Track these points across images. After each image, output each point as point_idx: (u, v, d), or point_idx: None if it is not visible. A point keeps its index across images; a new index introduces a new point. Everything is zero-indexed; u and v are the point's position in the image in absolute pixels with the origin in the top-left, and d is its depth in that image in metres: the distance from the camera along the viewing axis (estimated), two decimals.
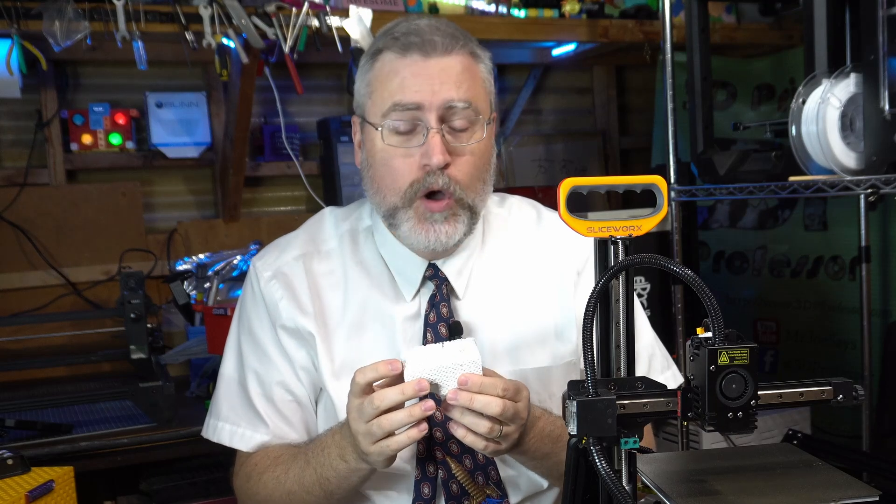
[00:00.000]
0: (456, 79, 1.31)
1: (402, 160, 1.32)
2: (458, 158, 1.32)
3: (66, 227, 2.82)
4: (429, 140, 1.30)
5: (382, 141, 1.32)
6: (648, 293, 2.56)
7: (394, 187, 1.33)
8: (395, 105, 1.30)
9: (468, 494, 1.34)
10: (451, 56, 1.31)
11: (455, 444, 1.34)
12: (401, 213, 1.34)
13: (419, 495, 1.35)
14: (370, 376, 1.16)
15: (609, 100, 3.61)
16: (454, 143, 1.32)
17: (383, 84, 1.32)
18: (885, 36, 1.89)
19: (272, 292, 1.41)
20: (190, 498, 2.29)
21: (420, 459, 1.35)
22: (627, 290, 1.00)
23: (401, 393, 1.14)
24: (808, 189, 2.08)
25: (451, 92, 1.30)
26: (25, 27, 2.24)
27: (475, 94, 1.33)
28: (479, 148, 1.34)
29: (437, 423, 1.34)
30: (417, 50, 1.30)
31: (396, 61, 1.32)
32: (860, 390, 0.96)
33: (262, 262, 1.45)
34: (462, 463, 1.35)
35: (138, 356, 2.21)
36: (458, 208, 1.34)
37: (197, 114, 2.93)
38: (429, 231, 1.33)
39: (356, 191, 2.98)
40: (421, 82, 1.30)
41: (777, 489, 0.97)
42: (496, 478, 1.36)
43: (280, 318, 1.40)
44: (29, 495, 1.50)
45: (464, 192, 1.33)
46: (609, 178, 1.05)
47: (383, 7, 2.63)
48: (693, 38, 2.41)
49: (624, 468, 0.97)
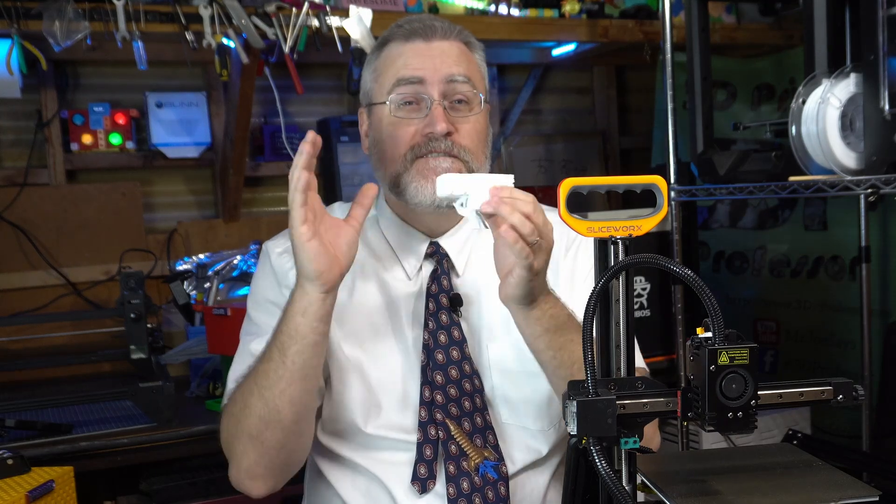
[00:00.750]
0: (455, 58, 1.43)
1: (405, 129, 1.41)
2: (461, 127, 1.41)
3: (66, 227, 2.82)
4: (432, 111, 1.40)
5: (389, 114, 1.42)
6: (648, 293, 2.56)
7: (395, 154, 1.42)
8: (400, 80, 1.41)
9: (466, 455, 1.39)
10: (449, 40, 1.44)
11: (455, 406, 1.40)
12: (403, 176, 1.41)
13: (421, 456, 1.39)
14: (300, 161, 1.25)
15: (609, 100, 3.61)
16: (455, 115, 1.41)
17: (388, 66, 1.44)
18: (885, 36, 1.89)
19: (283, 263, 1.48)
20: (190, 498, 2.29)
21: (422, 423, 1.39)
22: (627, 290, 1.00)
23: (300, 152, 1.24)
24: (808, 189, 2.08)
25: (452, 67, 1.41)
26: (25, 27, 2.24)
27: (472, 73, 1.45)
28: (478, 120, 1.44)
29: (437, 385, 1.39)
30: (419, 35, 1.43)
31: (401, 46, 1.44)
32: (860, 390, 0.96)
33: (274, 243, 1.53)
34: (461, 425, 1.39)
35: (138, 356, 2.21)
36: (464, 169, 1.40)
37: (197, 114, 2.93)
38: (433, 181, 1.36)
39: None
40: (423, 60, 1.41)
41: (777, 489, 0.97)
42: (494, 441, 1.40)
43: (288, 280, 1.44)
44: (29, 495, 1.50)
45: (469, 156, 1.41)
46: (609, 178, 1.05)
47: (383, 7, 2.63)
48: (693, 38, 2.41)
49: (624, 468, 0.97)
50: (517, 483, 1.43)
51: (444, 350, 1.42)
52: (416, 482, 1.39)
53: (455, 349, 1.42)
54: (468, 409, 1.41)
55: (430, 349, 1.41)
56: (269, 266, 1.50)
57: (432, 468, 1.39)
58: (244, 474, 1.38)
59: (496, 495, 1.38)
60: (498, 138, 3.39)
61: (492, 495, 1.38)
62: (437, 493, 1.39)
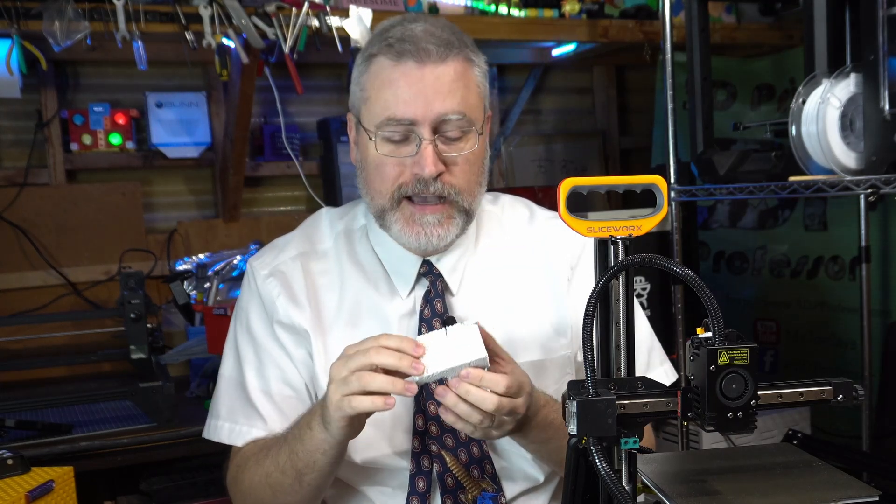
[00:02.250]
0: (449, 88, 1.32)
1: (393, 168, 1.34)
2: (453, 166, 1.35)
3: (66, 227, 2.82)
4: (422, 151, 1.31)
5: (376, 150, 1.34)
6: (648, 293, 2.56)
7: (381, 190, 1.36)
8: (389, 119, 1.32)
9: (464, 488, 1.35)
10: (445, 64, 1.32)
11: (450, 437, 1.36)
12: (388, 214, 1.37)
13: (414, 489, 1.36)
14: (392, 343, 1.17)
15: (609, 100, 3.61)
16: (447, 153, 1.34)
17: (378, 93, 1.34)
18: (885, 36, 1.89)
19: (269, 290, 1.43)
20: (190, 498, 2.29)
21: (415, 453, 1.36)
22: (627, 290, 1.00)
23: (398, 360, 1.15)
24: (808, 189, 2.08)
25: (445, 104, 1.31)
26: (25, 27, 2.24)
27: (468, 103, 1.35)
28: (472, 155, 1.37)
29: (432, 417, 1.35)
30: (412, 58, 1.31)
31: (391, 69, 1.32)
32: (860, 390, 0.96)
33: (260, 262, 1.47)
34: (457, 457, 1.36)
35: (138, 356, 2.21)
36: (455, 212, 1.36)
37: (197, 114, 2.93)
38: (419, 233, 1.35)
39: (356, 191, 2.96)
40: (415, 95, 1.30)
41: (777, 489, 0.97)
42: (491, 471, 1.37)
43: (276, 314, 1.41)
44: (29, 495, 1.50)
45: (460, 196, 1.35)
46: (609, 178, 1.05)
47: (383, 7, 2.63)
48: (693, 38, 2.41)
49: (624, 468, 0.97)
50: None
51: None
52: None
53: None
54: (464, 440, 1.37)
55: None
56: (255, 290, 1.45)
57: (425, 501, 1.36)
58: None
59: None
60: (498, 138, 3.39)
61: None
62: None
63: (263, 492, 1.34)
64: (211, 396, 2.37)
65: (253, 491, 1.36)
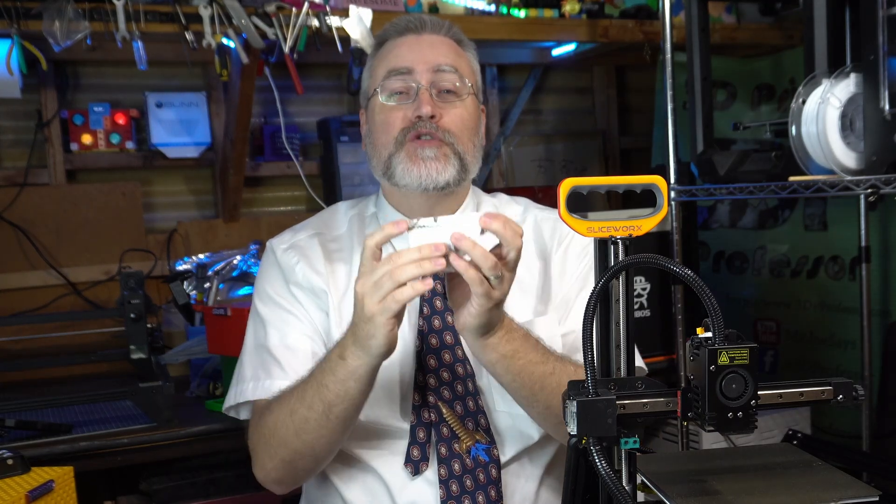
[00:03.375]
0: (444, 50, 1.49)
1: (395, 114, 1.46)
2: (447, 112, 1.46)
3: (66, 227, 2.82)
4: (419, 95, 1.45)
5: (380, 102, 1.47)
6: (648, 293, 2.56)
7: (387, 139, 1.46)
8: (391, 71, 1.47)
9: (458, 438, 1.41)
10: (440, 35, 1.51)
11: (447, 390, 1.42)
12: (394, 158, 1.45)
13: (415, 439, 1.42)
14: (378, 238, 1.21)
15: (609, 100, 3.61)
16: (441, 102, 1.46)
17: (381, 60, 1.51)
18: (885, 36, 1.89)
19: (288, 259, 1.51)
20: (190, 498, 2.29)
21: (416, 406, 1.42)
22: (627, 290, 1.00)
23: (417, 251, 1.17)
24: (808, 189, 2.08)
25: (440, 58, 1.47)
26: (25, 27, 2.24)
27: (461, 65, 1.50)
28: (465, 105, 1.48)
29: (430, 369, 1.42)
30: (411, 30, 1.51)
31: (393, 41, 1.51)
32: (860, 390, 0.96)
33: (278, 240, 1.56)
34: (453, 408, 1.42)
35: (138, 356, 2.21)
36: (450, 152, 1.45)
37: (197, 114, 2.93)
38: (420, 166, 1.43)
39: (356, 191, 2.98)
40: (413, 52, 1.48)
41: (777, 489, 0.97)
42: (486, 425, 1.43)
43: (294, 277, 1.49)
44: (29, 495, 1.50)
45: (453, 139, 1.45)
46: (609, 178, 1.05)
47: (383, 7, 2.63)
48: (693, 38, 2.41)
49: (624, 468, 0.97)
50: (509, 473, 1.45)
51: (438, 335, 1.44)
52: (409, 464, 1.41)
53: (449, 334, 1.44)
54: (460, 393, 1.43)
55: (424, 334, 1.44)
56: (274, 262, 1.52)
57: (425, 450, 1.41)
58: (271, 481, 1.44)
59: (487, 477, 1.40)
60: (498, 138, 3.38)
61: (483, 477, 1.40)
62: (429, 478, 1.41)
63: (286, 431, 1.35)
64: (211, 396, 2.38)
65: (276, 433, 1.36)
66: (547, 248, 1.55)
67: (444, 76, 1.46)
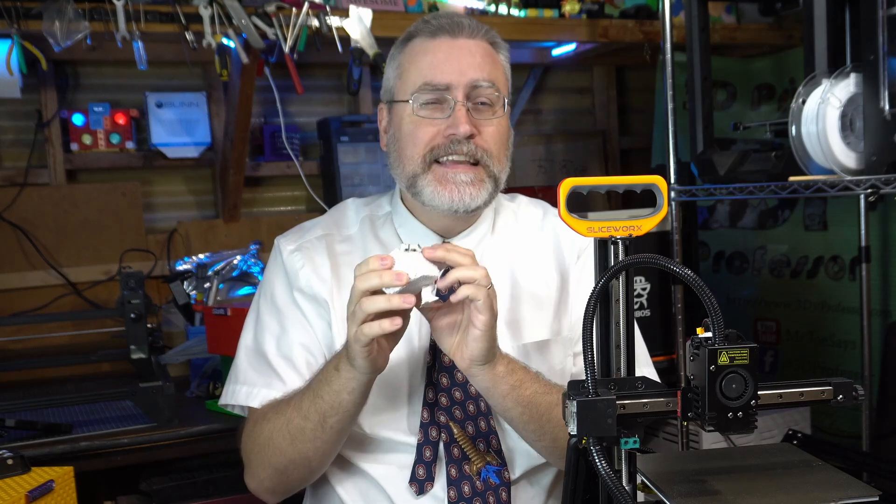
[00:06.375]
0: (481, 60, 1.42)
1: (426, 128, 1.41)
2: (484, 130, 1.41)
3: (66, 227, 2.82)
4: (455, 112, 1.39)
5: (412, 113, 1.42)
6: (648, 293, 2.56)
7: (414, 154, 1.41)
8: (425, 84, 1.41)
9: (469, 459, 1.39)
10: (475, 39, 1.43)
11: (459, 410, 1.40)
12: (420, 178, 1.42)
13: (420, 458, 1.39)
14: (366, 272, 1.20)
15: (609, 100, 3.61)
16: (478, 117, 1.41)
17: (413, 64, 1.43)
18: (885, 36, 1.89)
19: (294, 262, 1.49)
20: (190, 498, 2.29)
21: (423, 424, 1.40)
22: (627, 290, 1.00)
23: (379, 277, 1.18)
24: (808, 189, 2.08)
25: (477, 72, 1.40)
26: (25, 27, 2.24)
27: (496, 76, 1.44)
28: (500, 124, 1.43)
29: (442, 388, 1.40)
30: (446, 32, 1.42)
31: (427, 43, 1.43)
32: (860, 390, 0.96)
33: (286, 240, 1.53)
34: (465, 429, 1.40)
35: (138, 356, 2.21)
36: (485, 175, 1.42)
37: (197, 114, 2.93)
38: (452, 191, 1.40)
39: (356, 191, 2.98)
40: (450, 63, 1.40)
41: (777, 489, 0.97)
42: (497, 446, 1.41)
43: (298, 282, 1.47)
44: (29, 495, 1.50)
45: (490, 160, 1.41)
46: (609, 178, 1.05)
47: (383, 7, 2.63)
48: (693, 38, 2.41)
49: (624, 468, 0.97)
50: (518, 489, 1.44)
51: None
52: (414, 483, 1.39)
53: None
54: (472, 413, 1.41)
55: (436, 350, 1.41)
56: (280, 263, 1.51)
57: (431, 470, 1.39)
58: (263, 490, 1.44)
59: (497, 500, 1.38)
60: None
61: (493, 500, 1.38)
62: (436, 496, 1.39)
63: (282, 440, 1.35)
64: (211, 396, 2.38)
65: (271, 441, 1.37)
66: (565, 262, 1.52)
67: (481, 91, 1.41)
